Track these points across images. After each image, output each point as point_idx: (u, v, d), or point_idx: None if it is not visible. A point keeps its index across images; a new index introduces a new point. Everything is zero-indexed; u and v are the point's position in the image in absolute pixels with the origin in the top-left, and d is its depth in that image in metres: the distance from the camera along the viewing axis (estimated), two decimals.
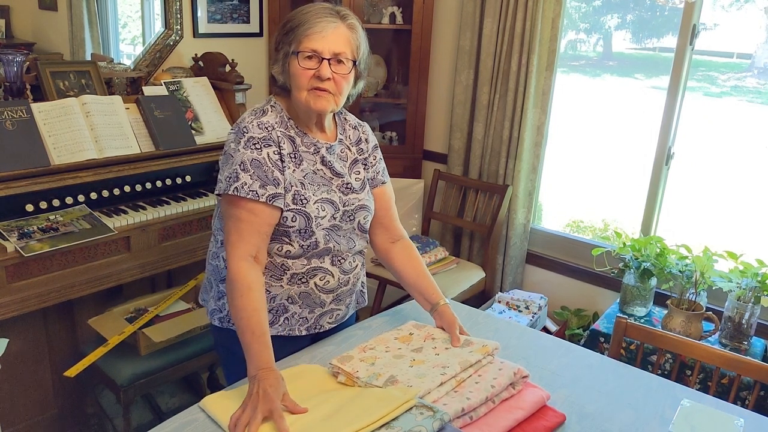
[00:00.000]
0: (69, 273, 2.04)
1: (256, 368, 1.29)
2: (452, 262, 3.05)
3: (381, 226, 1.68)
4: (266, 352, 1.32)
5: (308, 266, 1.51)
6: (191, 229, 2.38)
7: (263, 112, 1.50)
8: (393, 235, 1.70)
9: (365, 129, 1.67)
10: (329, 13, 1.43)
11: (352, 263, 1.59)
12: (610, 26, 3.42)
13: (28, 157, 2.05)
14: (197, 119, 2.61)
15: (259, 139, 1.43)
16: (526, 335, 1.70)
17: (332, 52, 1.41)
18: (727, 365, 1.67)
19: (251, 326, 1.34)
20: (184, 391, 2.67)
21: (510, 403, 1.32)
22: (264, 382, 1.25)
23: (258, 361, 1.30)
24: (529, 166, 3.06)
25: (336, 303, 1.59)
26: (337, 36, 1.42)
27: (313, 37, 1.40)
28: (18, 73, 2.20)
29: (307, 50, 1.41)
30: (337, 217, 1.51)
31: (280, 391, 1.25)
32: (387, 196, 1.68)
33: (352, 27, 1.46)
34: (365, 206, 1.58)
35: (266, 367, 1.29)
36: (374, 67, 3.55)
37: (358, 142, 1.63)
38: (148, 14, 2.90)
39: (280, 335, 1.54)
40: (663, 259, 2.45)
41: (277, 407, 1.21)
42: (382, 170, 1.68)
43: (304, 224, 1.46)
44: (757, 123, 3.12)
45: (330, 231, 1.51)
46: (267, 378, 1.26)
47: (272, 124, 1.47)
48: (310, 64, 1.42)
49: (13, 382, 2.21)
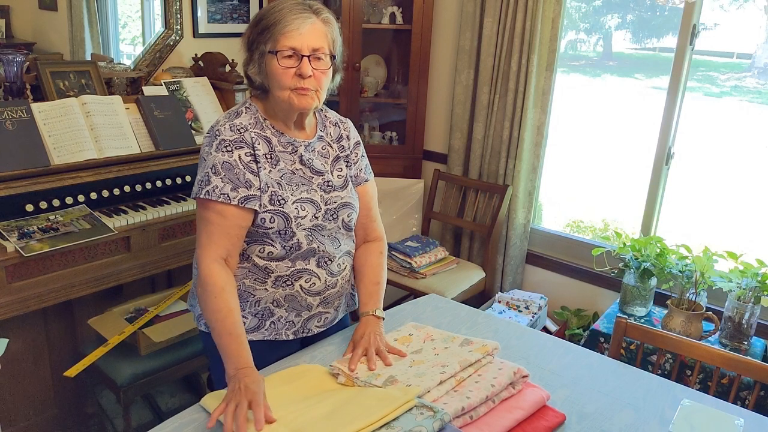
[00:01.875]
0: (69, 273, 2.04)
1: (235, 368, 1.30)
2: (452, 262, 3.05)
3: (359, 225, 1.64)
4: (244, 352, 1.33)
5: (293, 268, 1.49)
6: (191, 229, 2.38)
7: (237, 114, 1.49)
8: (369, 235, 1.67)
9: (347, 126, 1.65)
10: (303, 8, 1.42)
11: (340, 265, 1.57)
12: (610, 26, 3.43)
13: (28, 157, 2.05)
14: (197, 119, 2.61)
15: (230, 142, 1.43)
16: (526, 335, 1.70)
17: (311, 48, 1.40)
18: (727, 365, 1.67)
19: (227, 327, 1.35)
20: (184, 391, 2.67)
21: (510, 402, 1.32)
22: (245, 379, 1.26)
23: (237, 361, 1.31)
24: (529, 166, 3.06)
25: (324, 306, 1.57)
26: (313, 32, 1.41)
27: (290, 34, 1.39)
28: (18, 73, 2.20)
29: (285, 48, 1.39)
30: (319, 216, 1.50)
31: (261, 386, 1.26)
32: (369, 195, 1.65)
33: (327, 21, 1.45)
34: (348, 204, 1.56)
35: (245, 366, 1.30)
36: (374, 67, 3.56)
37: (339, 139, 1.61)
38: (148, 14, 2.90)
39: (266, 339, 1.53)
40: (663, 259, 2.45)
41: (259, 399, 1.22)
42: (364, 167, 1.65)
43: (283, 225, 1.45)
44: (757, 123, 3.12)
45: (312, 231, 1.49)
46: (248, 375, 1.27)
47: (245, 126, 1.46)
48: (289, 62, 1.40)
49: (13, 382, 2.21)
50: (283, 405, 1.27)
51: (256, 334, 1.53)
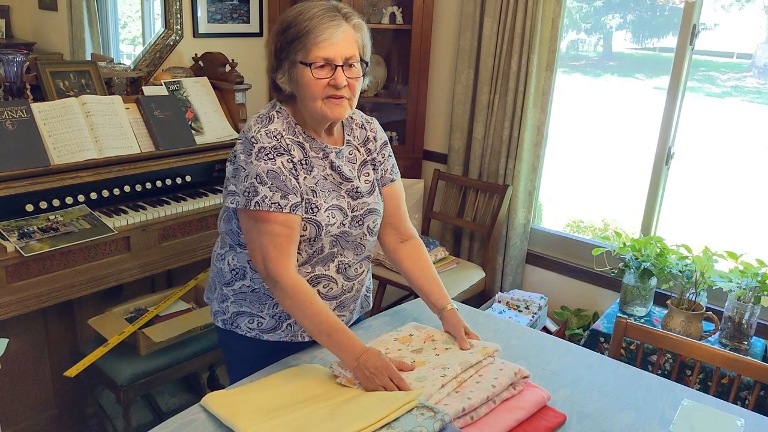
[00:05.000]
0: (69, 273, 2.04)
1: (355, 357, 1.34)
2: (452, 262, 3.05)
3: (390, 226, 1.63)
4: (355, 340, 1.37)
5: (312, 274, 1.49)
6: (191, 229, 2.38)
7: (269, 119, 1.44)
8: (402, 234, 1.65)
9: (373, 126, 1.61)
10: (333, 15, 1.37)
11: (357, 270, 1.57)
12: (611, 26, 3.43)
13: (28, 157, 2.05)
14: (197, 119, 2.61)
15: (271, 149, 1.38)
16: (526, 335, 1.70)
17: (344, 57, 1.37)
18: (727, 365, 1.67)
19: (332, 325, 1.38)
20: (184, 391, 2.67)
21: (511, 403, 1.32)
22: (370, 361, 1.32)
23: (352, 351, 1.35)
24: (529, 166, 3.06)
25: (340, 309, 1.58)
26: (345, 40, 1.37)
27: (323, 45, 1.35)
28: (18, 73, 2.20)
29: (318, 60, 1.35)
30: (346, 224, 1.48)
31: (385, 358, 1.33)
32: (396, 195, 1.63)
33: (358, 27, 1.41)
34: (374, 210, 1.54)
35: (362, 351, 1.34)
36: (374, 67, 3.56)
37: (365, 141, 1.58)
38: (148, 14, 2.90)
39: (282, 341, 1.54)
40: (663, 259, 2.45)
41: (393, 371, 1.31)
42: (391, 167, 1.62)
43: (315, 233, 1.43)
44: (757, 123, 3.12)
45: (338, 237, 1.48)
46: (369, 357, 1.32)
47: (280, 132, 1.42)
48: (323, 73, 1.36)
49: (13, 382, 2.21)
50: (283, 405, 1.27)
51: (272, 335, 1.54)
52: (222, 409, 1.27)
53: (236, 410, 1.26)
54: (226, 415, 1.24)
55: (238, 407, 1.27)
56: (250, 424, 1.20)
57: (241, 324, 1.55)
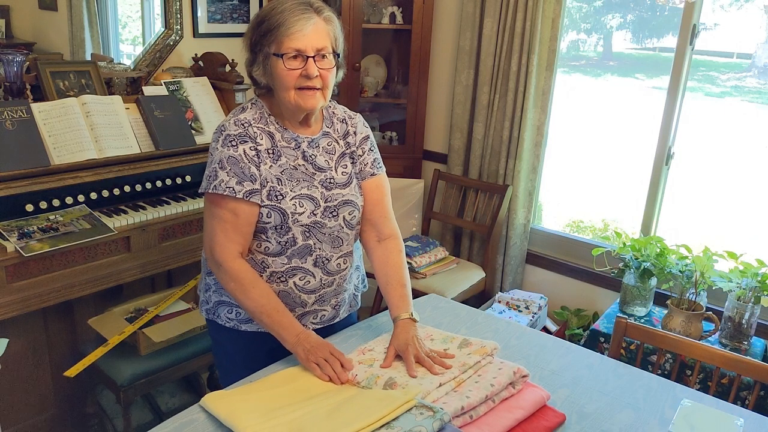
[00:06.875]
0: (69, 273, 2.04)
1: (295, 334, 1.41)
2: (452, 262, 3.05)
3: (368, 222, 1.61)
4: (294, 321, 1.45)
5: (288, 265, 1.51)
6: (191, 229, 2.38)
7: (242, 109, 1.51)
8: (381, 232, 1.62)
9: (355, 121, 1.62)
10: (305, 8, 1.42)
11: (341, 265, 1.57)
12: (611, 26, 3.43)
13: (28, 157, 2.05)
14: (197, 119, 2.61)
15: (235, 136, 1.45)
16: (526, 335, 1.70)
17: (315, 48, 1.41)
18: (727, 365, 1.67)
19: (273, 306, 1.44)
20: (184, 391, 2.67)
21: (510, 402, 1.32)
22: (308, 340, 1.40)
23: (292, 329, 1.42)
24: (529, 166, 3.06)
25: (319, 303, 1.57)
26: (317, 32, 1.41)
27: (294, 36, 1.39)
28: (18, 73, 2.20)
29: (290, 50, 1.40)
30: (317, 213, 1.49)
31: (323, 340, 1.41)
32: (377, 191, 1.61)
33: (329, 20, 1.46)
34: (350, 201, 1.55)
35: (301, 330, 1.43)
36: (374, 67, 3.56)
37: (345, 135, 1.60)
38: (148, 14, 2.90)
39: (261, 331, 1.55)
40: (663, 259, 2.45)
41: (332, 347, 1.39)
42: (371, 162, 1.61)
43: (280, 220, 1.46)
44: (757, 123, 3.12)
45: (310, 228, 1.49)
46: (308, 336, 1.41)
47: (249, 121, 1.48)
48: (295, 64, 1.41)
49: (13, 382, 2.20)
50: (282, 405, 1.27)
51: (251, 325, 1.57)
52: (222, 409, 1.27)
53: (236, 410, 1.26)
54: (226, 415, 1.24)
55: (238, 407, 1.27)
56: (250, 424, 1.20)
57: (221, 314, 1.59)
